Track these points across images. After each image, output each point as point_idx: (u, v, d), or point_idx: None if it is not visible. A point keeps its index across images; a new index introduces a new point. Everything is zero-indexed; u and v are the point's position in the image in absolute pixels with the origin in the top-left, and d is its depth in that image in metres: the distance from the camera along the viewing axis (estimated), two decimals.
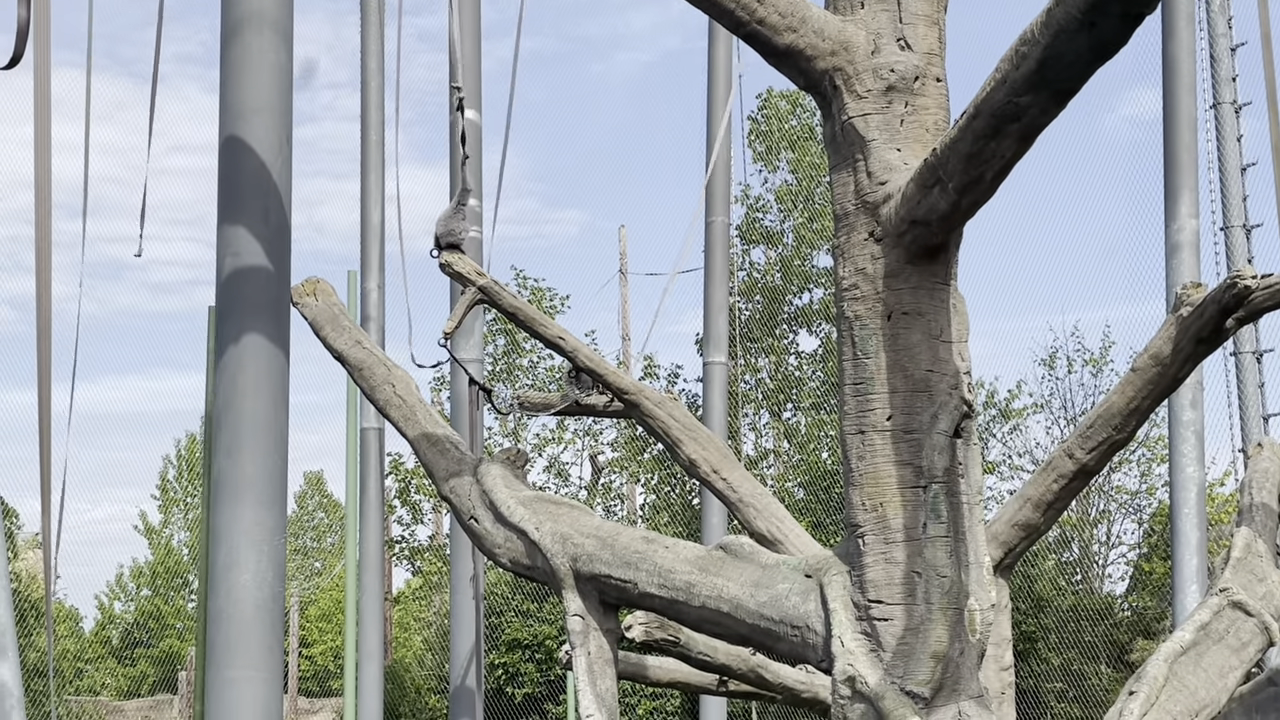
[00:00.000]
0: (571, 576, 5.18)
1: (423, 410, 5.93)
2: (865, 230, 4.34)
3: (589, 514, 5.45)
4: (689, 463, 6.75)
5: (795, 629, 4.51)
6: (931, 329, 4.31)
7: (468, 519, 5.57)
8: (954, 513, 4.25)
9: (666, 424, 6.82)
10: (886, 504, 4.25)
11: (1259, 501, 6.30)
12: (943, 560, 4.20)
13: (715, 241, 15.12)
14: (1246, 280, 5.23)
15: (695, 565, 4.86)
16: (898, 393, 4.28)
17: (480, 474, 5.60)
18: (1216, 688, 5.17)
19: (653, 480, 21.77)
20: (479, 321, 13.77)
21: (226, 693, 5.90)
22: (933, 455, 4.23)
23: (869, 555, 4.29)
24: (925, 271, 4.30)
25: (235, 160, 6.30)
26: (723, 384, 15.38)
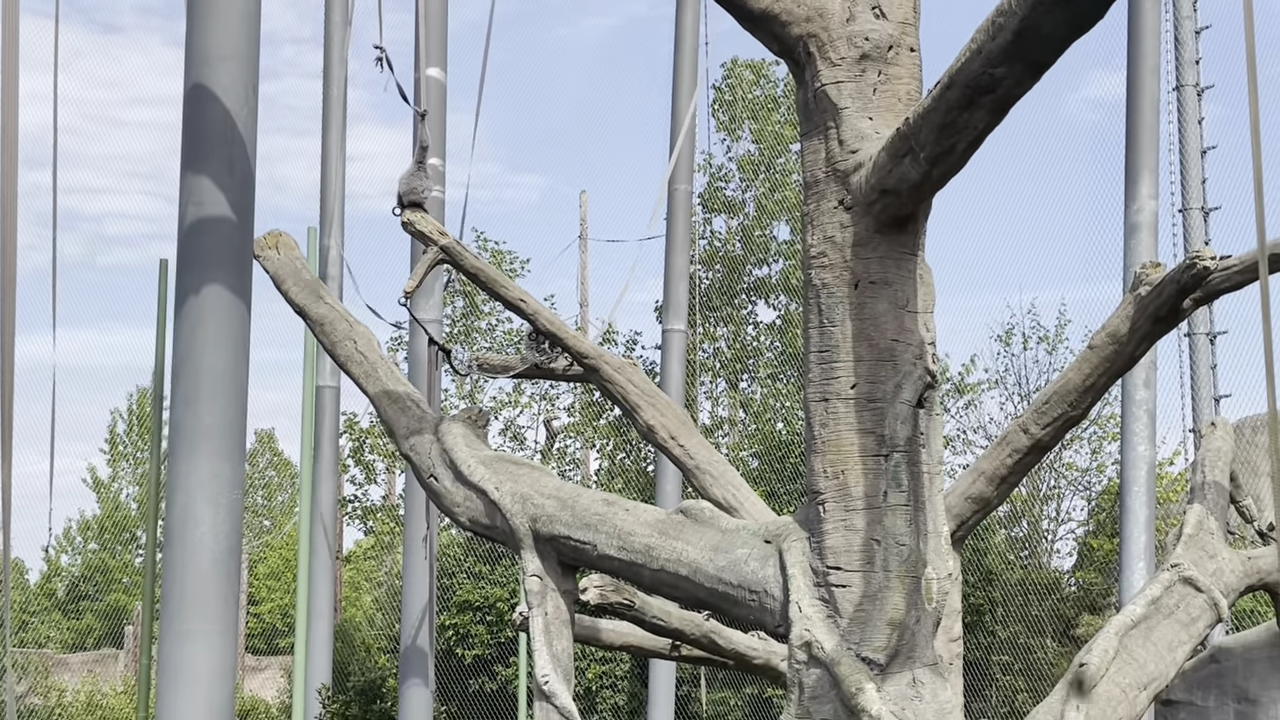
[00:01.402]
0: (531, 537, 5.18)
1: (384, 367, 5.91)
2: (835, 198, 4.34)
3: (549, 475, 5.45)
4: (647, 428, 6.77)
5: (753, 594, 4.53)
6: (898, 299, 4.32)
7: (427, 477, 5.56)
8: (914, 482, 4.27)
9: (625, 389, 6.82)
10: (848, 472, 4.27)
11: (1211, 480, 6.38)
12: (902, 529, 4.23)
13: (678, 209, 15.12)
14: (1205, 261, 5.28)
15: (655, 529, 4.88)
16: (862, 361, 4.29)
17: (441, 433, 5.61)
18: (1165, 661, 5.25)
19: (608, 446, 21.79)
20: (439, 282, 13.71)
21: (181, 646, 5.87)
22: (895, 424, 4.25)
23: (829, 522, 4.31)
24: (893, 241, 4.31)
25: (201, 108, 6.23)
26: (681, 352, 15.40)
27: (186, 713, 5.83)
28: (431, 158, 13.19)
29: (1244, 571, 6.08)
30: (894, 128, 4.11)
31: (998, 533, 18.18)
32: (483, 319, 23.00)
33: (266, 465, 40.81)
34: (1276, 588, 6.39)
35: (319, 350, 13.91)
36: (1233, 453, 6.70)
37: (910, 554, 4.21)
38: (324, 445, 15.99)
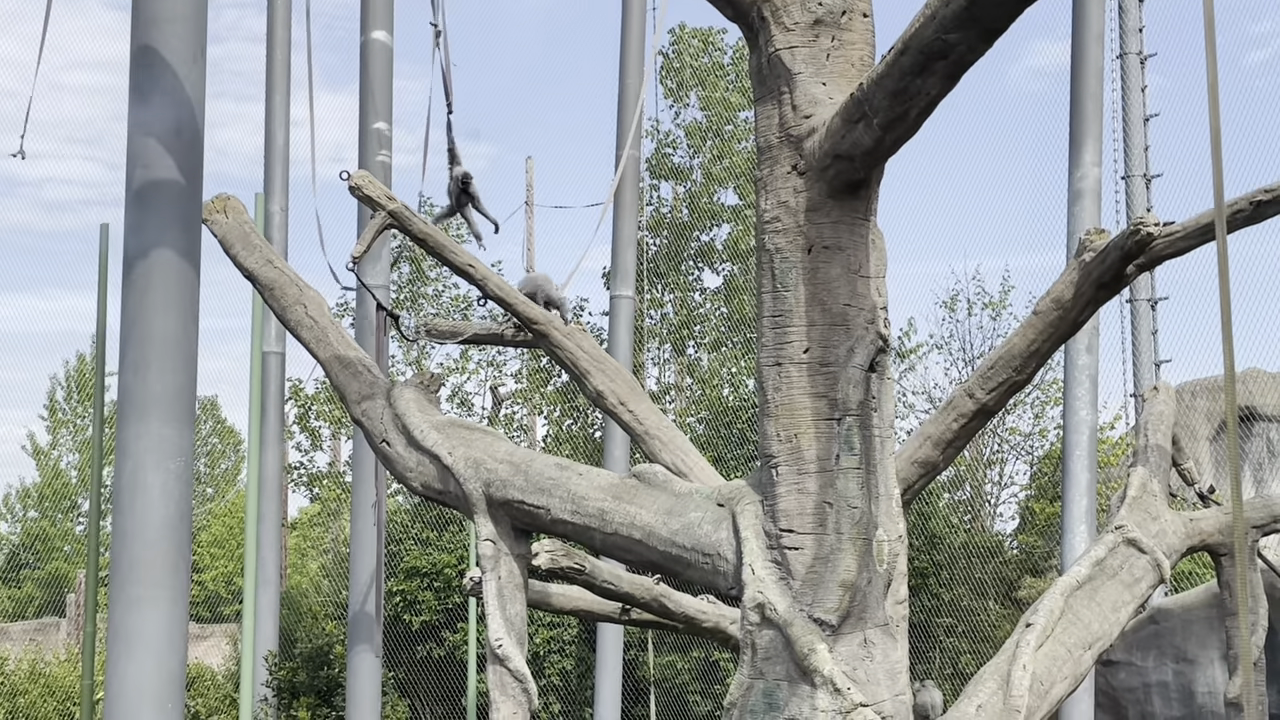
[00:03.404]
0: (484, 502, 5.19)
1: (335, 332, 5.88)
2: (788, 163, 4.37)
3: (503, 440, 5.46)
4: (596, 394, 6.79)
5: (706, 556, 4.57)
6: (851, 264, 4.35)
7: (379, 442, 5.56)
8: (866, 445, 4.32)
9: (575, 355, 6.84)
10: (800, 435, 4.32)
11: (1154, 443, 6.48)
12: (854, 491, 4.27)
13: (626, 175, 15.09)
14: (1150, 227, 5.35)
15: (609, 492, 4.91)
16: (815, 326, 4.33)
17: (393, 398, 5.61)
18: (1110, 621, 5.34)
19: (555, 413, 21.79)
20: (386, 248, 13.64)
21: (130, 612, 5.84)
22: (848, 388, 4.29)
23: (782, 485, 4.35)
24: (846, 206, 4.34)
25: (148, 71, 6.15)
26: (629, 318, 15.41)
27: (137, 679, 5.81)
28: (378, 122, 13.11)
29: (1186, 533, 6.18)
30: (848, 93, 4.14)
31: (942, 497, 18.35)
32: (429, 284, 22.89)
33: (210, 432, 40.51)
34: (1217, 549, 6.52)
35: (265, 316, 13.81)
36: (1174, 417, 6.80)
37: (862, 516, 4.26)
38: (269, 411, 15.90)
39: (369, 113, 13.11)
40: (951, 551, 17.04)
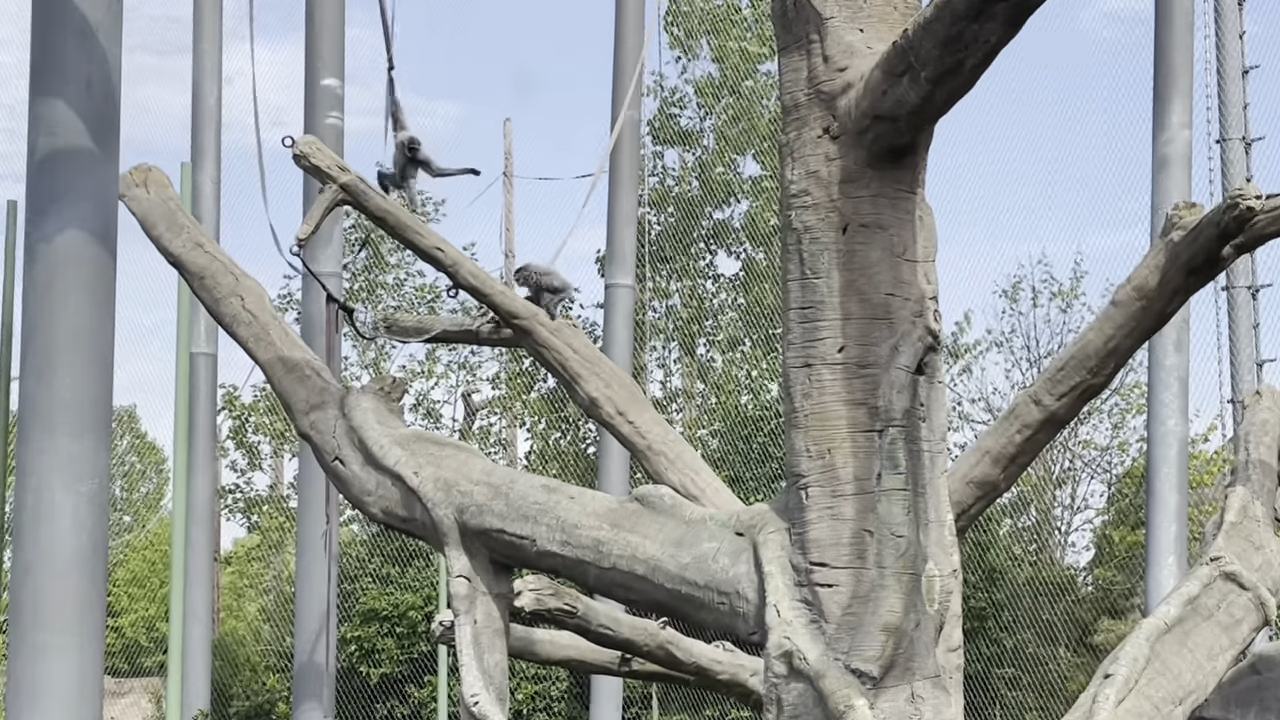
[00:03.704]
0: (457, 531, 5.18)
1: (278, 329, 5.88)
2: (819, 125, 4.34)
3: (479, 457, 5.46)
4: (589, 402, 6.78)
5: (722, 595, 4.57)
6: (894, 245, 4.34)
7: (331, 460, 5.57)
8: (913, 462, 4.31)
9: (564, 355, 6.82)
10: (835, 450, 4.31)
11: (1256, 458, 6.46)
12: (899, 517, 4.27)
13: (623, 139, 15.10)
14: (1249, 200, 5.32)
15: (606, 520, 4.92)
16: (852, 319, 4.32)
17: (348, 407, 5.60)
18: (1204, 671, 5.33)
19: (540, 424, 21.79)
20: (338, 228, 13.67)
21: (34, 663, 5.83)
22: (891, 394, 4.30)
23: (813, 510, 4.35)
24: (889, 177, 4.33)
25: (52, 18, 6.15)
26: (628, 311, 15.44)
27: None
28: (327, 78, 13.12)
29: None
30: (889, 41, 4.14)
31: (1003, 523, 18.37)
32: (390, 272, 22.92)
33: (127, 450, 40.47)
34: None
35: (194, 310, 13.82)
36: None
37: (908, 547, 4.26)
38: (199, 424, 15.91)
39: (316, 67, 13.12)
40: (1014, 589, 17.06)
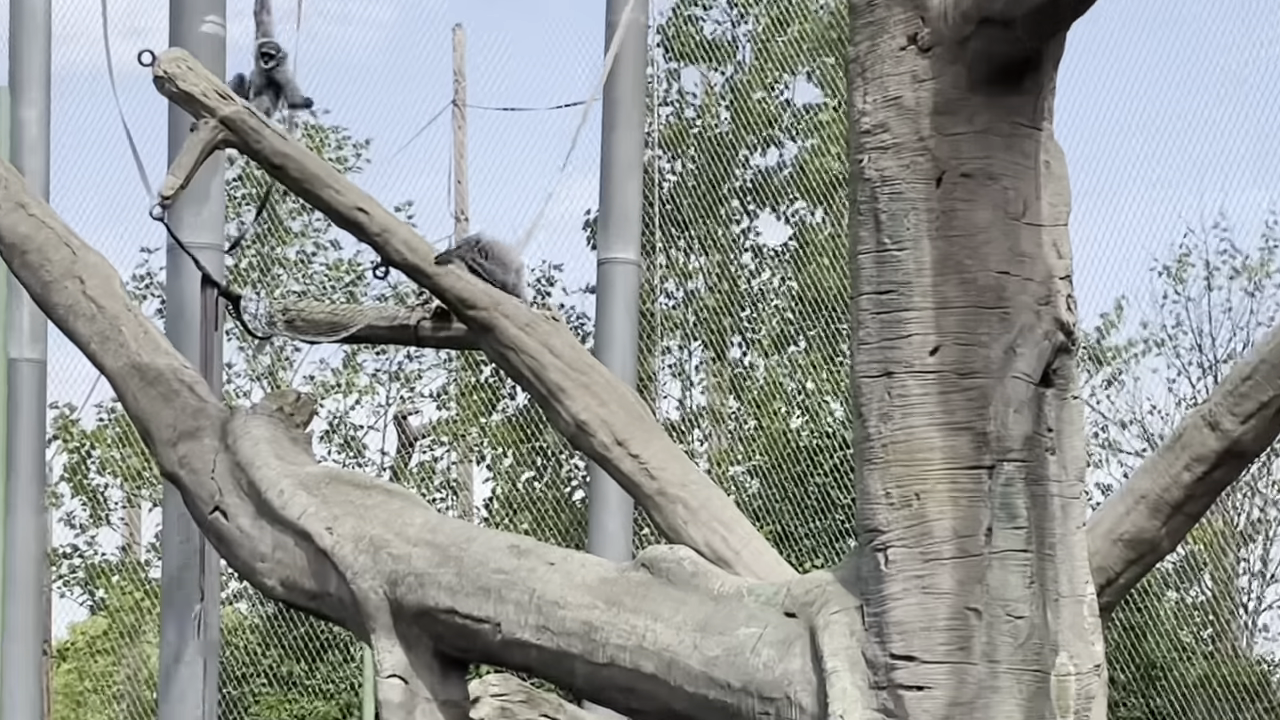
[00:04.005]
0: (388, 611, 5.17)
1: (132, 324, 5.88)
2: (902, 32, 4.35)
3: (419, 506, 5.45)
4: (576, 426, 6.77)
5: (767, 701, 4.54)
6: (1009, 202, 4.35)
7: (210, 511, 5.56)
8: (1038, 512, 4.33)
9: (540, 361, 6.82)
10: (926, 495, 4.32)
11: None
12: (1017, 590, 4.27)
13: (624, 55, 15.07)
14: None
15: (600, 594, 4.90)
16: (950, 308, 4.33)
17: (234, 436, 5.59)
18: None
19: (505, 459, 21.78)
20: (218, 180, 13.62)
21: None
22: (1006, 414, 4.30)
23: (895, 580, 4.35)
24: (1001, 106, 4.34)
25: None
26: (630, 298, 15.39)
27: None
28: None
29: None
30: None
31: (1166, 597, 18.33)
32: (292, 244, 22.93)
33: None
34: None
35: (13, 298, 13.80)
36: None
37: (1031, 633, 4.26)
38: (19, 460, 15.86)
39: None
40: (1184, 690, 17.03)
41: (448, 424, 22.39)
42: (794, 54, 21.49)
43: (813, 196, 21.18)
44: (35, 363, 16.33)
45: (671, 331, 21.04)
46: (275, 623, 20.21)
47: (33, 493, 16.35)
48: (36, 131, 15.92)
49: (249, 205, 22.43)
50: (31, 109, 16.02)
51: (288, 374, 22.67)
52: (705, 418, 21.45)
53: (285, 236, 22.61)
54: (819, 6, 21.53)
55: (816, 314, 20.66)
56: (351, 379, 22.69)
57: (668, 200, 20.87)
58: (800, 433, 20.15)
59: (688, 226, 21.21)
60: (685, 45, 21.79)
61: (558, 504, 20.79)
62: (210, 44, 12.84)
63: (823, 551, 18.37)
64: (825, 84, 21.32)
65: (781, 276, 21.53)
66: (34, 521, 16.49)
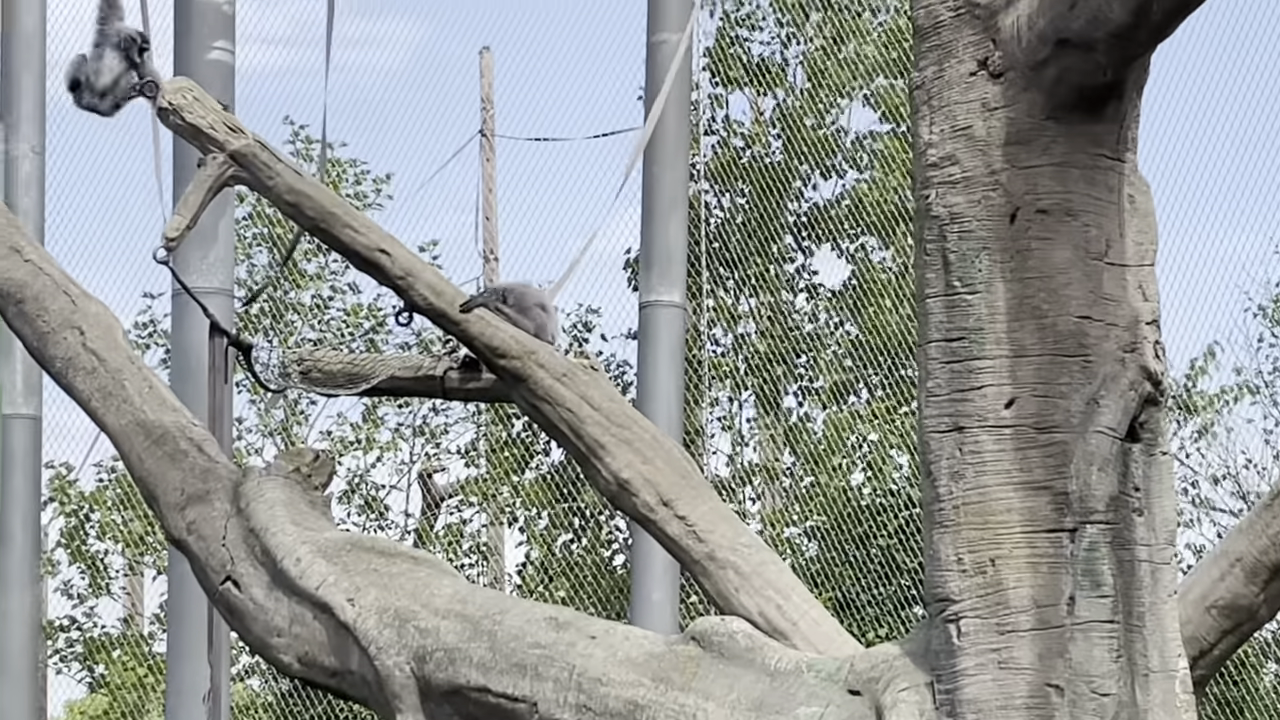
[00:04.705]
0: (415, 690, 5.18)
1: (136, 378, 5.91)
2: (972, 56, 4.39)
3: (447, 574, 5.45)
4: (616, 484, 6.76)
5: None
6: (1090, 241, 4.36)
7: (221, 581, 5.58)
8: (1125, 579, 4.33)
9: (576, 414, 6.82)
10: (1002, 561, 4.33)
11: None
12: (1103, 664, 4.26)
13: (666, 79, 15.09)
14: None
15: (647, 671, 4.91)
16: (1027, 357, 4.35)
17: (246, 499, 5.62)
18: None
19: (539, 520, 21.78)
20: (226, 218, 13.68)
21: None
22: (1089, 472, 4.30)
23: (968, 655, 4.37)
24: (1081, 135, 4.35)
25: None
26: (676, 344, 15.40)
27: None
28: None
29: None
30: None
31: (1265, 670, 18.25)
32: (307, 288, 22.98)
33: None
34: None
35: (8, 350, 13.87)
36: None
37: (1118, 711, 4.25)
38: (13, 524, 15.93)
39: None
40: None
41: (477, 483, 22.37)
42: (849, 78, 21.51)
43: (874, 231, 21.18)
44: (29, 419, 16.40)
45: (720, 380, 21.02)
46: (290, 701, 20.22)
47: (27, 560, 16.40)
48: (30, 168, 16.00)
49: (259, 246, 22.51)
50: (24, 144, 16.10)
51: (303, 429, 22.70)
52: (758, 474, 21.42)
53: (300, 280, 22.64)
54: (877, 24, 21.56)
55: (879, 360, 20.63)
56: (372, 434, 22.69)
57: (715, 237, 20.87)
58: (862, 490, 20.12)
59: (737, 265, 21.20)
60: (733, 69, 21.81)
61: (597, 569, 20.77)
62: (218, 72, 12.91)
63: (887, 621, 18.32)
64: (886, 109, 21.32)
65: (839, 320, 21.51)
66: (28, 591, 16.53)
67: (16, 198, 15.70)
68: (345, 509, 22.28)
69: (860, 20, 21.64)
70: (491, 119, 24.63)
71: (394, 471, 23.12)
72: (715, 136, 21.74)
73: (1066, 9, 4.14)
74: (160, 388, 5.91)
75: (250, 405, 21.95)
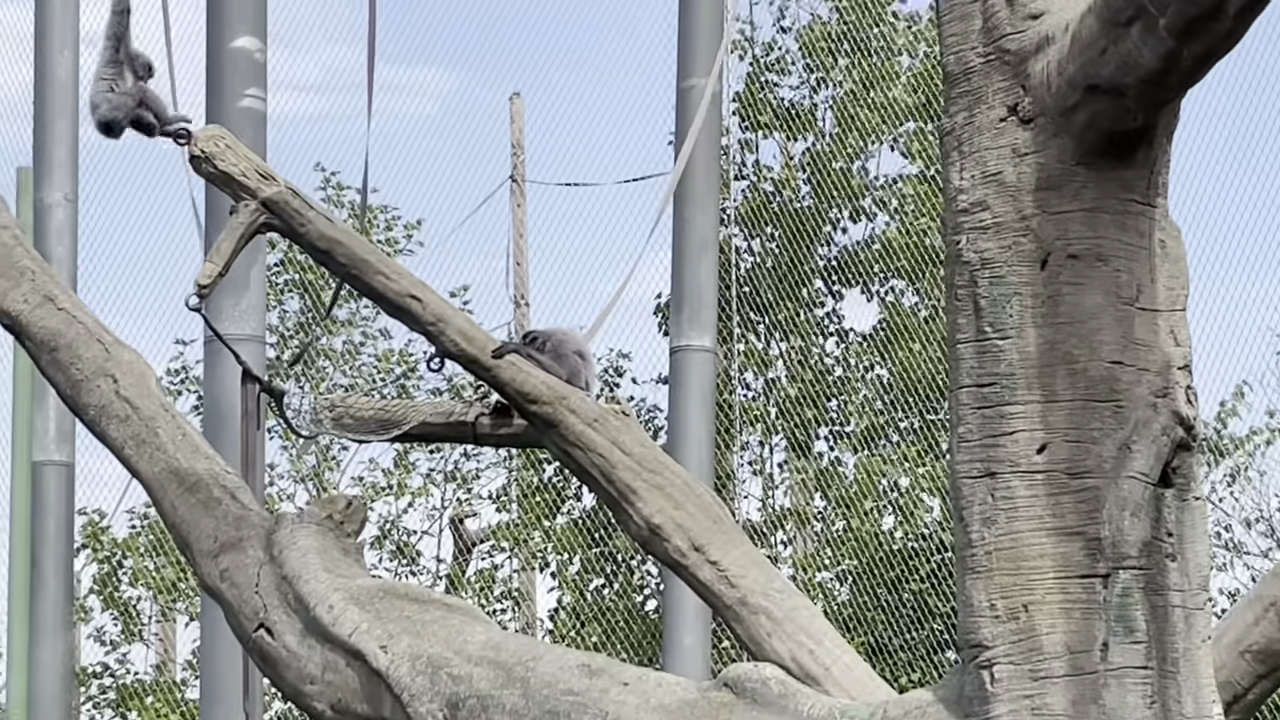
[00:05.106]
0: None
1: (169, 425, 5.91)
2: (1002, 103, 4.38)
3: (479, 621, 5.44)
4: (647, 529, 6.75)
5: None
6: (1121, 286, 4.35)
7: (254, 629, 5.58)
8: (1159, 624, 4.31)
9: (608, 459, 6.81)
10: (1035, 607, 4.31)
11: None
12: (1137, 711, 4.23)
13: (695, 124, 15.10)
14: None
15: (681, 717, 4.88)
16: (1058, 402, 4.34)
17: (279, 546, 5.63)
18: None
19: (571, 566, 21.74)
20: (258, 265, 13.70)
21: None
22: (1121, 518, 4.29)
23: (1001, 701, 4.33)
24: (1111, 181, 4.34)
25: None
26: (706, 388, 15.38)
27: None
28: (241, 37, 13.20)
29: None
30: None
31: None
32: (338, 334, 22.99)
33: None
34: None
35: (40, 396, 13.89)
36: None
37: None
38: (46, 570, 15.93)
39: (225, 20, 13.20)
40: None
41: (508, 528, 22.35)
42: (879, 122, 21.50)
43: (903, 274, 21.16)
44: (62, 466, 16.41)
45: (751, 425, 20.99)
46: None
47: (60, 607, 16.39)
48: (63, 216, 16.03)
49: (291, 292, 22.53)
50: (57, 192, 16.13)
51: (335, 475, 22.68)
52: (789, 519, 21.38)
53: (331, 326, 22.64)
54: (907, 68, 21.56)
55: (910, 403, 20.61)
56: (404, 480, 22.67)
57: (745, 281, 20.87)
58: (894, 534, 20.07)
59: (768, 310, 21.18)
60: (761, 113, 21.81)
61: (629, 615, 20.73)
62: (250, 119, 12.94)
63: (920, 665, 18.26)
64: (915, 154, 21.31)
65: (870, 364, 21.48)
66: (61, 638, 16.53)
67: (50, 246, 15.74)
68: (377, 554, 22.26)
69: (889, 65, 21.64)
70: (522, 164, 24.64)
71: (425, 517, 23.10)
72: (745, 181, 21.75)
73: (1096, 55, 4.14)
74: (193, 435, 5.92)
75: (283, 451, 21.96)
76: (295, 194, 6.14)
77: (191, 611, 21.70)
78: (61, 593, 16.50)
